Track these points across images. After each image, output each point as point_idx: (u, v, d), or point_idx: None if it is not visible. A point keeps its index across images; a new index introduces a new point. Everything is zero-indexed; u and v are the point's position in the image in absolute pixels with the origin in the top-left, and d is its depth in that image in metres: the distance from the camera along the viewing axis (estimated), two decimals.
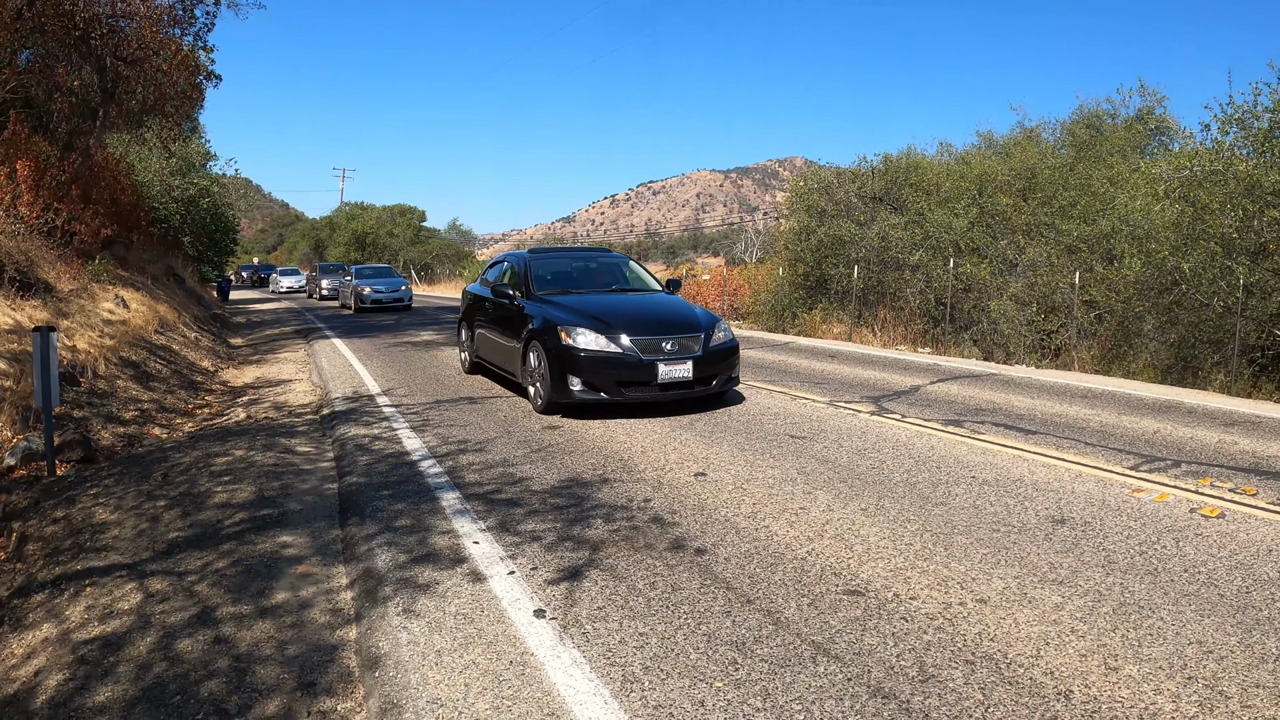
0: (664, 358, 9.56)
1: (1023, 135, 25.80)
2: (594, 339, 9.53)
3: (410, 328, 22.52)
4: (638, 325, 9.84)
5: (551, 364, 9.62)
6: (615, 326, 9.69)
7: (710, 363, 9.86)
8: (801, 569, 5.05)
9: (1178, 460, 7.63)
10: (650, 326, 9.89)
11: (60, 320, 11.91)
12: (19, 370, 9.26)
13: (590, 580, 4.90)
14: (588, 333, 9.58)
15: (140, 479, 7.35)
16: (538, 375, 10.00)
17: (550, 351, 9.66)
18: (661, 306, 10.90)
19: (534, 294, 11.09)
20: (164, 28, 19.36)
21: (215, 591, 4.96)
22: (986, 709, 3.50)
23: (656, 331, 9.78)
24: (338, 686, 3.94)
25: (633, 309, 10.62)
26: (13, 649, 4.57)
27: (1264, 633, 4.19)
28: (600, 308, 10.35)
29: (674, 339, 9.73)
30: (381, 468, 7.52)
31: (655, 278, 12.54)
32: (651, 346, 9.58)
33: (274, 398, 11.88)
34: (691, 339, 9.86)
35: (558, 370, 9.54)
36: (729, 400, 10.74)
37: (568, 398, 9.54)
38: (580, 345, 9.51)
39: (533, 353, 10.16)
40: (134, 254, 22.80)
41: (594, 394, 9.47)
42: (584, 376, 9.44)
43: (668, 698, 3.60)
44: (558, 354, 9.57)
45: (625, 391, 9.53)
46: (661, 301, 11.21)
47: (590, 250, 13.87)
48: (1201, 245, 14.22)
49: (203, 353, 16.70)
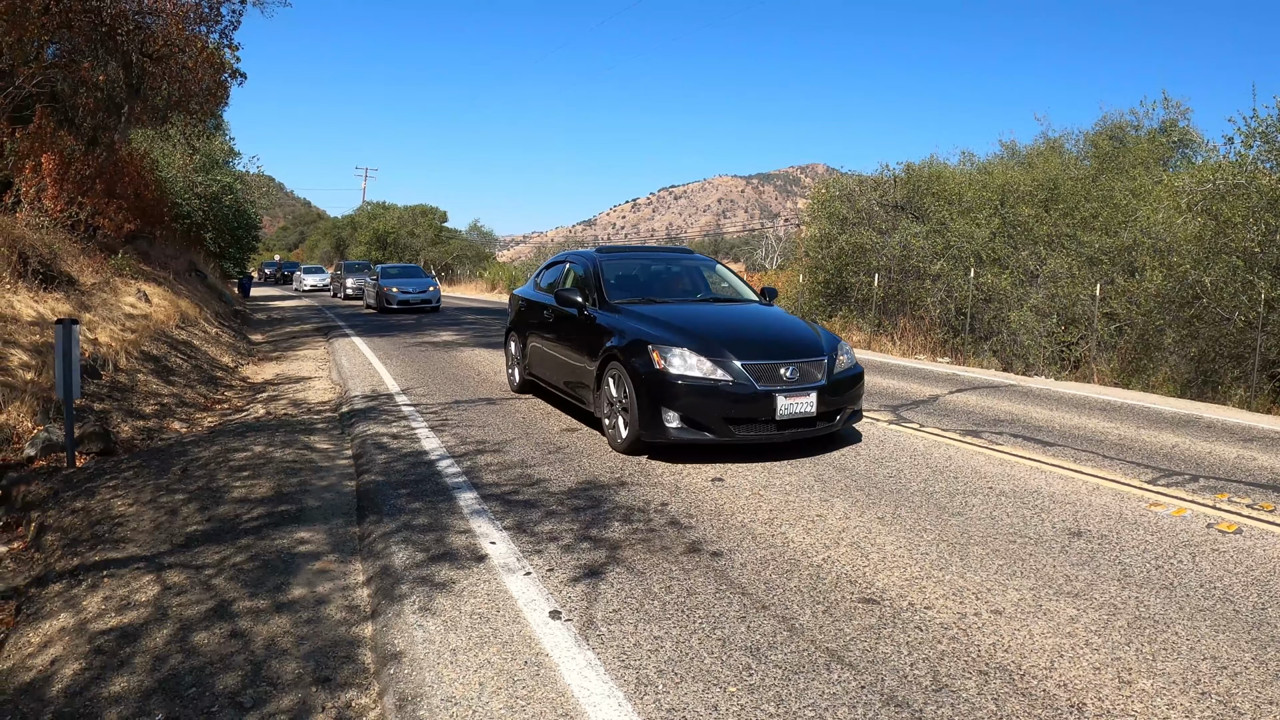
0: (783, 388, 7.76)
1: (1046, 146, 25.69)
2: (695, 363, 7.74)
3: (430, 328, 22.56)
4: (748, 346, 8.03)
5: (640, 392, 7.80)
6: (722, 347, 7.91)
7: (835, 393, 8.08)
8: (817, 576, 5.05)
9: (1195, 475, 7.59)
10: (763, 348, 8.08)
11: (82, 313, 11.99)
12: (41, 362, 9.33)
13: (606, 582, 4.91)
14: (688, 354, 7.79)
15: (159, 472, 7.39)
16: (619, 405, 8.21)
17: (638, 376, 7.84)
18: (771, 322, 9.08)
19: (608, 302, 9.24)
20: (190, 25, 19.49)
21: (232, 585, 4.98)
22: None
23: (772, 354, 7.97)
24: (353, 683, 3.96)
25: (736, 325, 8.82)
26: (30, 638, 4.60)
27: (1279, 649, 4.18)
28: (696, 322, 8.59)
29: (793, 364, 7.92)
30: (400, 466, 7.54)
31: (750, 285, 10.72)
32: (768, 374, 7.80)
33: (293, 394, 11.93)
34: (813, 364, 8.04)
35: (648, 401, 7.73)
36: None
37: (660, 435, 7.72)
38: (678, 370, 7.71)
39: (612, 376, 8.35)
40: (156, 249, 22.93)
41: (695, 433, 7.64)
42: (683, 410, 7.63)
43: (681, 701, 3.61)
44: (648, 380, 7.75)
45: (735, 431, 7.67)
46: (768, 316, 9.36)
47: (669, 251, 11.76)
48: (1223, 259, 14.15)
49: (223, 348, 16.79)
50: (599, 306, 9.27)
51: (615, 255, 10.65)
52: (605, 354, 8.47)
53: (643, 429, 7.79)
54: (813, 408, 7.83)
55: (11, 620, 5.02)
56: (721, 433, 7.64)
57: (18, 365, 9.15)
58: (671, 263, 10.87)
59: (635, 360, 7.98)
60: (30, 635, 4.64)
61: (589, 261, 10.15)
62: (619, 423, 8.19)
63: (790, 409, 7.72)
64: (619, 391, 8.22)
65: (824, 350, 8.27)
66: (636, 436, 7.89)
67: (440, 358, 15.80)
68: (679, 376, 7.67)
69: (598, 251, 10.55)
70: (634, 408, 7.86)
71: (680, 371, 7.70)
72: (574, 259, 10.80)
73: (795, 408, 7.75)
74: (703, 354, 7.79)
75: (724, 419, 7.63)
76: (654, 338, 8.06)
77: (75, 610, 4.81)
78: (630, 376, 7.95)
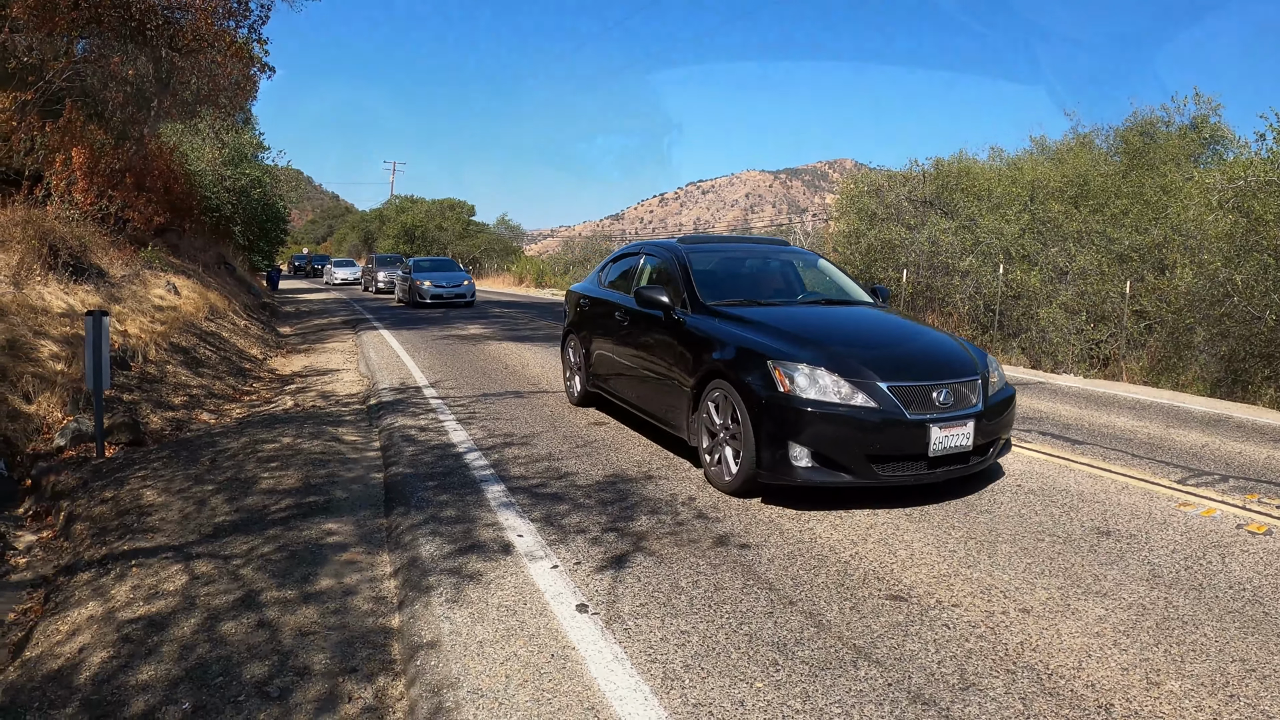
0: (936, 416, 6.22)
1: (1076, 142, 25.51)
2: (831, 384, 6.15)
3: (458, 321, 22.60)
4: (889, 363, 6.46)
5: (757, 420, 6.21)
6: (860, 365, 6.31)
7: (991, 421, 6.58)
8: (844, 572, 5.03)
9: (1225, 475, 7.52)
10: (907, 365, 6.54)
11: (112, 305, 12.08)
12: (70, 353, 9.40)
13: (633, 576, 4.91)
14: (820, 373, 6.19)
15: (188, 463, 7.44)
16: (725, 434, 6.63)
17: (754, 400, 6.26)
18: (907, 333, 7.54)
19: (703, 304, 7.64)
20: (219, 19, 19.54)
21: (260, 576, 5.01)
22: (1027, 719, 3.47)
23: (920, 374, 6.43)
24: (380, 674, 3.97)
25: (866, 335, 7.29)
26: (58, 626, 4.64)
27: None
28: (818, 331, 7.00)
29: (946, 386, 6.37)
30: (427, 459, 7.56)
31: (859, 283, 9.20)
32: (918, 398, 6.24)
33: (321, 386, 11.99)
34: (967, 385, 6.50)
35: (770, 432, 6.14)
36: None
37: (785, 476, 6.14)
38: (810, 393, 6.12)
39: (714, 398, 6.77)
40: (186, 242, 23.06)
41: (830, 473, 6.07)
42: (816, 445, 6.03)
43: (708, 696, 3.60)
44: (769, 405, 6.17)
45: (880, 470, 6.12)
46: (900, 325, 7.87)
47: (763, 242, 10.06)
48: (1254, 257, 14.02)
49: (251, 340, 16.88)
50: (692, 310, 7.64)
51: (701, 247, 8.91)
52: (706, 370, 6.93)
53: (761, 467, 6.22)
54: (969, 439, 6.33)
55: (40, 609, 5.06)
56: (863, 473, 6.09)
57: (48, 356, 9.23)
58: (768, 256, 9.28)
59: (750, 379, 6.39)
60: (59, 624, 4.67)
61: (672, 254, 8.57)
62: (725, 456, 6.62)
63: (945, 442, 6.22)
64: (724, 417, 6.65)
65: (977, 369, 6.73)
66: (749, 475, 6.33)
67: (468, 351, 15.83)
68: (810, 401, 6.09)
69: (680, 243, 8.92)
70: (748, 439, 6.27)
71: (812, 395, 6.13)
72: (651, 250, 9.27)
73: (951, 440, 6.24)
74: (839, 373, 6.20)
75: (867, 456, 6.09)
76: (773, 351, 6.48)
77: (103, 599, 4.85)
78: (743, 400, 6.36)
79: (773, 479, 6.22)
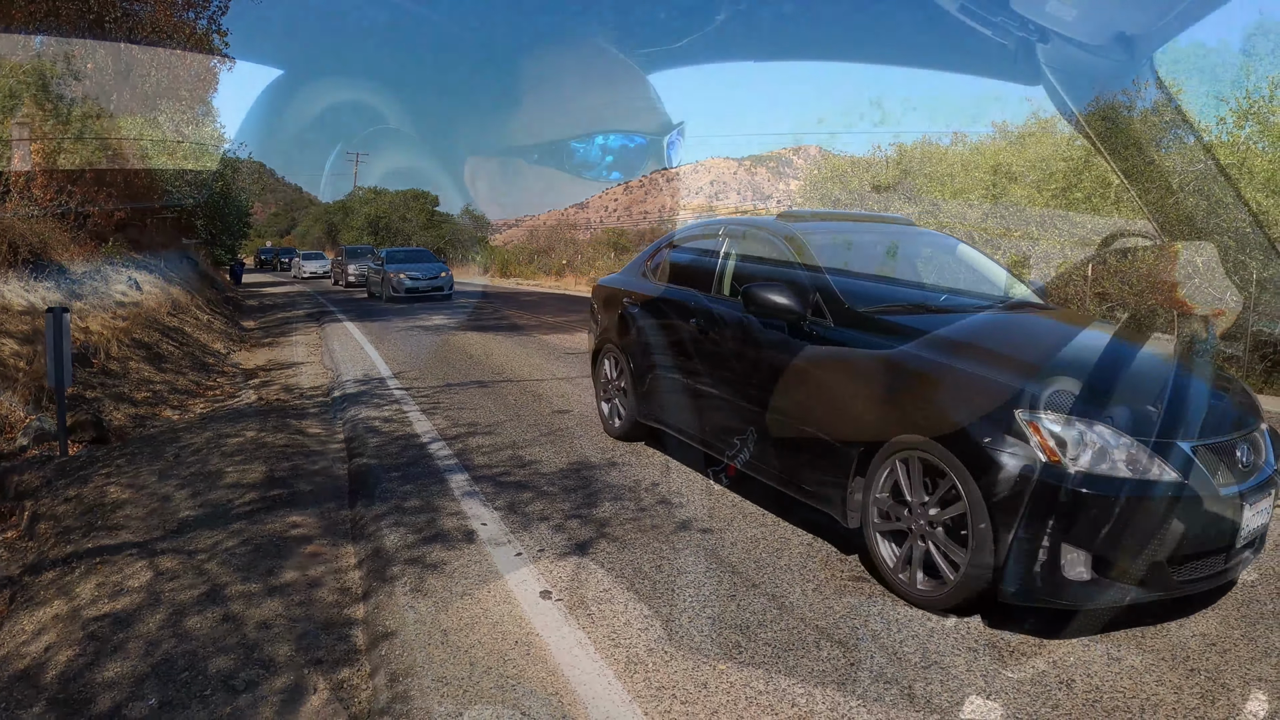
0: (1241, 486, 4.12)
1: (1038, 126, 25.67)
2: (1121, 450, 3.93)
3: (422, 313, 22.54)
4: (1172, 410, 4.18)
5: (1003, 511, 3.92)
6: (1147, 413, 4.11)
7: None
8: (808, 555, 5.07)
9: None
10: (1193, 411, 4.24)
11: (74, 302, 11.97)
12: (32, 351, 9.31)
13: (597, 562, 4.93)
14: (1101, 431, 3.94)
15: (152, 459, 7.39)
16: (922, 523, 4.34)
17: (992, 475, 3.96)
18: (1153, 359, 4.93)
19: (849, 311, 5.18)
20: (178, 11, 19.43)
21: (225, 570, 4.99)
22: (989, 695, 3.52)
23: (1214, 425, 4.21)
24: (344, 664, 3.97)
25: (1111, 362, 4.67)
26: (24, 625, 4.61)
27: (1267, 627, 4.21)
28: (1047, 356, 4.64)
29: (1243, 440, 4.28)
30: (392, 449, 7.54)
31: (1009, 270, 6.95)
32: (1224, 461, 4.13)
33: (285, 380, 11.92)
34: (1258, 436, 4.42)
35: (1030, 530, 3.87)
36: None
37: (1054, 594, 3.92)
38: (1095, 468, 3.88)
39: (897, 461, 4.45)
40: (147, 237, 22.84)
41: (1119, 588, 3.91)
42: (1101, 548, 3.85)
43: (671, 679, 3.63)
44: (1020, 487, 3.89)
45: (1177, 578, 3.99)
46: (1132, 345, 5.16)
47: (885, 221, 7.83)
48: (1215, 239, 14.16)
49: (215, 335, 16.77)
50: (833, 318, 5.21)
51: (817, 226, 6.41)
52: (881, 417, 4.64)
53: (1005, 583, 3.97)
54: (1268, 515, 4.32)
55: (5, 608, 5.02)
56: (1158, 584, 3.97)
57: (9, 355, 9.14)
58: (900, 240, 6.77)
59: (979, 438, 4.07)
60: (24, 623, 4.64)
61: (779, 237, 6.04)
62: (937, 561, 4.26)
63: (1252, 524, 4.17)
64: (917, 495, 4.37)
65: (1258, 409, 4.66)
66: (975, 591, 4.09)
67: (432, 342, 15.80)
68: (1092, 478, 3.86)
69: (783, 220, 6.44)
70: (984, 539, 3.98)
71: (1099, 470, 3.88)
72: (738, 230, 6.72)
73: (1256, 520, 4.20)
74: (1126, 429, 3.97)
75: (1167, 560, 3.94)
76: (1014, 392, 4.11)
77: (69, 597, 4.82)
78: (970, 472, 4.06)
79: (1028, 598, 3.98)
